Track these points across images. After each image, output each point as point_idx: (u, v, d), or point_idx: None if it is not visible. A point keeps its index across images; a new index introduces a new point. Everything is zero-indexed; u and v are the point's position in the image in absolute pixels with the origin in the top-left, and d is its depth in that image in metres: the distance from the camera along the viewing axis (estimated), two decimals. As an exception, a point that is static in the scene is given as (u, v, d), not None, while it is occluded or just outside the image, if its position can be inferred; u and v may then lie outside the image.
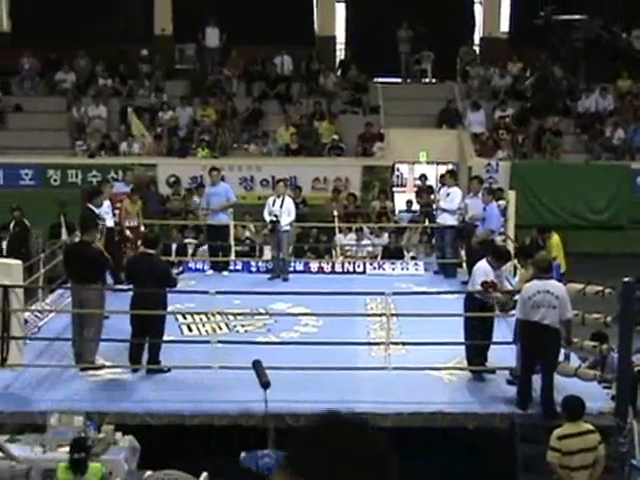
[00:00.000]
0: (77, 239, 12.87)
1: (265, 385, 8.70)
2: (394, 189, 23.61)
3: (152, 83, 24.84)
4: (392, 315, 11.23)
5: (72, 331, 11.22)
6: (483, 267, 10.76)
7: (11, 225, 18.21)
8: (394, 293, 11.60)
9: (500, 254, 11.04)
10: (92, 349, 10.99)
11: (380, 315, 11.95)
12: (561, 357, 10.43)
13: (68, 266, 11.53)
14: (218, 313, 11.77)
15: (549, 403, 9.72)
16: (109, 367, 10.96)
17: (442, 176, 19.09)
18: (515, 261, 12.85)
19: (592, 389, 10.17)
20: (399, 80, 26.34)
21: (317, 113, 23.88)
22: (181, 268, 16.57)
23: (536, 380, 9.98)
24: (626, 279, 9.58)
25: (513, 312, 10.64)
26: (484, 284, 10.52)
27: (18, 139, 22.91)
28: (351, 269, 16.50)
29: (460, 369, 10.90)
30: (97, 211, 13.06)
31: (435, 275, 16.18)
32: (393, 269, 16.53)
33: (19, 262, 11.32)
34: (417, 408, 9.87)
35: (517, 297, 10.27)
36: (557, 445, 8.46)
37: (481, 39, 27.48)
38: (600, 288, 10.20)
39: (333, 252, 17.95)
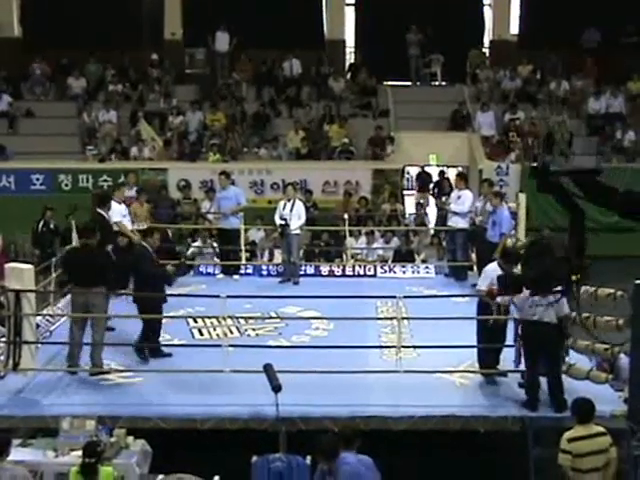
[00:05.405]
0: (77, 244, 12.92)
1: (276, 389, 8.70)
2: (404, 192, 23.60)
3: (162, 88, 24.91)
4: (403, 318, 11.21)
5: (70, 335, 11.17)
6: (492, 269, 10.74)
7: (40, 224, 18.27)
8: (405, 296, 11.61)
9: (509, 255, 11.01)
10: (100, 353, 11.01)
11: (391, 318, 11.92)
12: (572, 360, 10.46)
13: (71, 270, 11.44)
14: (229, 317, 11.77)
15: (559, 396, 9.78)
16: (120, 371, 10.98)
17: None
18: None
19: (604, 392, 10.14)
20: (409, 83, 26.36)
21: (327, 117, 23.91)
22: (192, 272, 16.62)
23: (546, 381, 10.00)
24: (638, 281, 9.55)
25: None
26: (489, 292, 10.52)
27: (29, 144, 22.99)
28: (362, 272, 16.50)
29: (472, 372, 10.88)
30: (107, 215, 13.07)
31: (446, 278, 16.17)
32: (404, 272, 16.52)
33: (31, 266, 11.35)
34: (429, 411, 9.85)
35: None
36: (567, 447, 8.43)
37: (491, 42, 27.49)
38: (611, 291, 10.16)
39: (344, 255, 17.94)
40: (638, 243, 20.88)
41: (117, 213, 13.69)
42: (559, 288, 9.73)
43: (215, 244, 17.36)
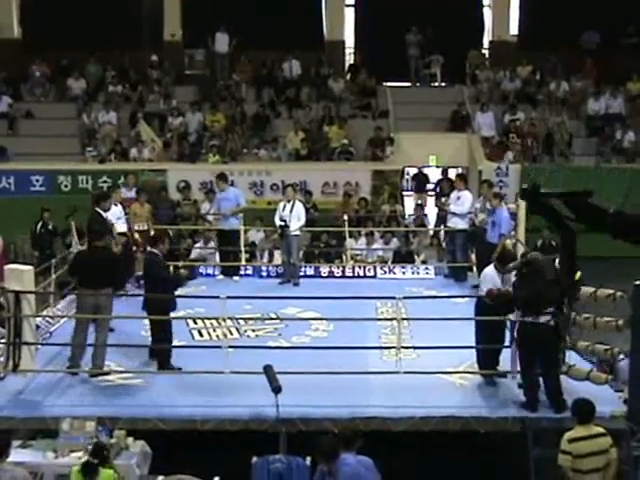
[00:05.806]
0: (82, 246, 12.96)
1: (276, 390, 8.70)
2: (404, 193, 23.61)
3: (162, 89, 24.91)
4: (403, 319, 11.21)
5: (73, 336, 11.14)
6: (490, 273, 10.76)
7: (38, 226, 18.26)
8: (405, 297, 11.61)
9: (505, 258, 11.00)
10: (104, 354, 11.01)
11: (391, 319, 11.93)
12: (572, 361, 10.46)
13: (80, 272, 11.45)
14: (229, 318, 11.77)
15: (558, 397, 9.80)
16: (119, 372, 10.98)
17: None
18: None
19: (604, 392, 10.14)
20: (408, 84, 26.36)
21: (326, 117, 23.91)
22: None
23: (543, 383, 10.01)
24: (638, 282, 9.55)
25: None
26: (489, 293, 10.53)
27: (29, 145, 22.99)
28: (362, 273, 16.50)
29: (471, 373, 10.89)
30: (105, 215, 13.07)
31: (445, 279, 16.17)
32: (404, 273, 16.53)
33: (30, 268, 11.35)
34: (428, 412, 9.85)
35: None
36: (568, 448, 8.43)
37: (490, 42, 27.49)
38: (611, 291, 10.16)
39: (343, 256, 17.95)
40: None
41: (112, 215, 13.69)
42: (550, 310, 9.78)
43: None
